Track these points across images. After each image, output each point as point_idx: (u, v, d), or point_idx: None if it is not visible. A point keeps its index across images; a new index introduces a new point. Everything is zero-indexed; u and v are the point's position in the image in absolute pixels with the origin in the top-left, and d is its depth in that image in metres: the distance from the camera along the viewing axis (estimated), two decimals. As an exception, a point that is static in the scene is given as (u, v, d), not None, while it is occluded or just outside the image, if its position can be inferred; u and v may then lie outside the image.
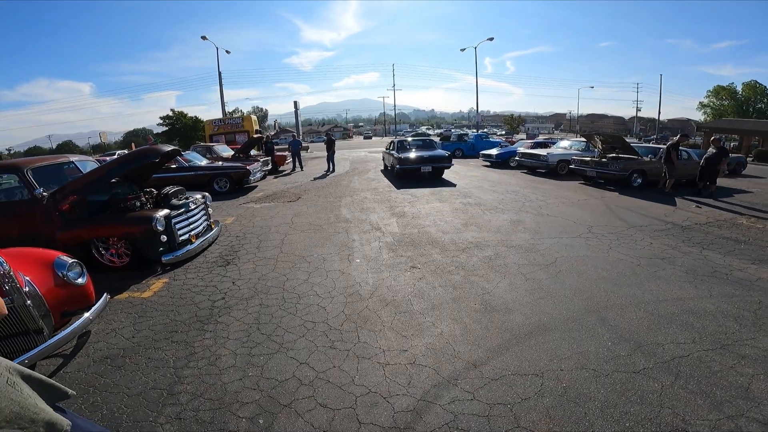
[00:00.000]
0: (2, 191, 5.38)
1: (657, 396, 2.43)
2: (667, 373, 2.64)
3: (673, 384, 2.52)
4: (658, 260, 4.84)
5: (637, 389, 2.49)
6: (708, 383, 2.53)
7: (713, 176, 9.85)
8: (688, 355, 2.83)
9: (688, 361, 2.77)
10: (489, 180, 12.53)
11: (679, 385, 2.52)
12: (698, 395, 2.42)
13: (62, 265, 3.12)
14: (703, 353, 2.86)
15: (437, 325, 3.36)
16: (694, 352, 2.87)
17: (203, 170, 11.31)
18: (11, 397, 0.91)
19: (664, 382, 2.54)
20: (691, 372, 2.64)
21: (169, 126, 43.72)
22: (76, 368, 2.92)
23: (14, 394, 0.93)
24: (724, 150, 10.01)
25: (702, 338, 3.07)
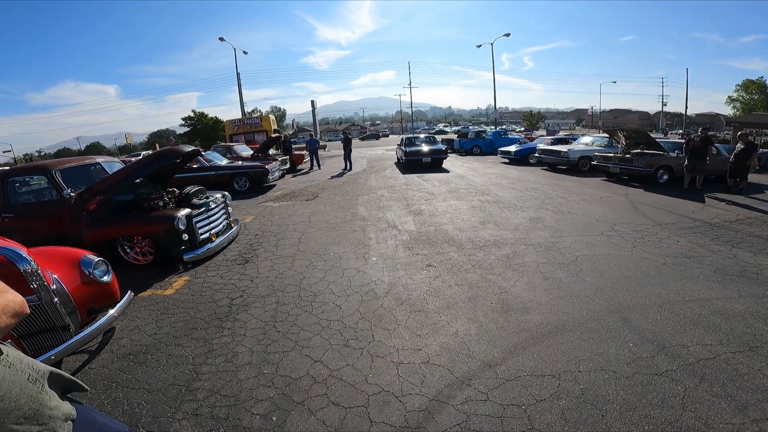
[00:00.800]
0: (32, 192, 5.61)
1: (679, 399, 2.35)
2: (691, 375, 2.55)
3: (696, 387, 2.44)
4: (685, 259, 4.66)
5: (658, 392, 2.41)
6: (734, 386, 2.44)
7: (743, 172, 9.44)
8: (714, 358, 2.73)
9: (714, 363, 2.67)
10: (507, 177, 12.34)
11: (703, 388, 2.43)
12: (723, 398, 2.33)
13: (88, 264, 3.22)
14: (730, 355, 2.75)
15: (452, 324, 3.34)
16: (721, 354, 2.76)
17: (223, 170, 11.55)
18: (31, 393, 0.93)
19: (688, 385, 2.45)
20: (717, 375, 2.55)
21: (190, 127, 44.82)
22: (101, 364, 3.02)
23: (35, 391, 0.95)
24: (752, 145, 9.63)
25: (729, 340, 2.95)
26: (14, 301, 0.96)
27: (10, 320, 0.92)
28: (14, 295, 0.98)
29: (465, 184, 10.91)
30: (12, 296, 0.97)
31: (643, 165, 10.40)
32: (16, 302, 0.96)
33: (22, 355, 1.02)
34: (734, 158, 9.66)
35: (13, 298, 0.97)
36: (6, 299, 0.94)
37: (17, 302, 0.97)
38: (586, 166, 13.08)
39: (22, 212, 5.21)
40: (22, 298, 1.00)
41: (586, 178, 11.91)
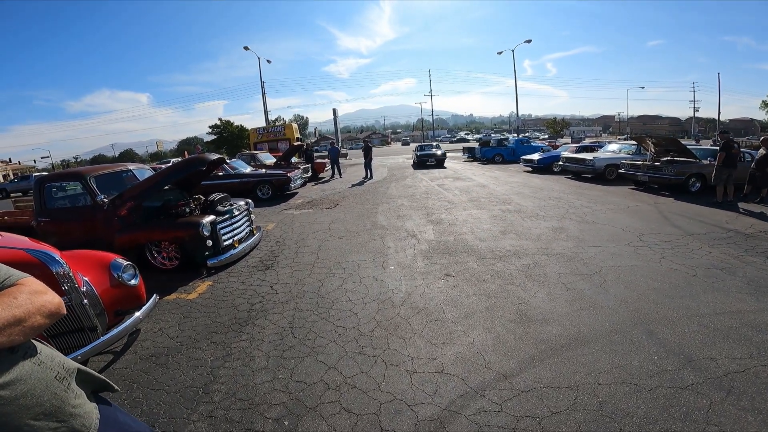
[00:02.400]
0: (67, 197, 5.90)
1: (704, 413, 2.25)
2: (717, 389, 2.45)
3: (723, 400, 2.34)
4: (717, 270, 4.46)
5: (682, 405, 2.32)
6: (762, 399, 2.33)
7: (766, 180, 8.96)
8: (744, 371, 2.62)
9: (743, 376, 2.56)
10: (530, 186, 12.14)
11: (729, 401, 2.33)
12: (749, 412, 2.24)
13: (118, 267, 3.35)
14: (761, 368, 2.63)
15: (469, 334, 3.29)
16: (751, 368, 2.64)
17: (248, 177, 11.85)
18: (55, 391, 0.97)
19: (714, 399, 2.36)
20: (745, 388, 2.44)
21: (217, 135, 46.22)
22: (124, 365, 3.13)
23: (59, 389, 0.99)
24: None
25: (761, 353, 2.81)
26: (51, 302, 0.99)
27: (44, 320, 0.95)
28: (52, 296, 1.01)
29: (486, 193, 10.80)
30: (50, 297, 0.99)
31: (673, 173, 10.03)
32: (53, 303, 0.99)
33: (56, 353, 1.06)
34: (756, 165, 9.18)
35: (51, 299, 0.99)
36: (43, 300, 0.96)
37: (54, 303, 1.00)
38: (613, 174, 12.71)
39: (57, 216, 5.48)
40: (60, 299, 1.03)
41: (613, 186, 11.57)
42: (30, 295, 0.94)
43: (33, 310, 0.92)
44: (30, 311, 0.91)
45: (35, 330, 0.93)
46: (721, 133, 10.21)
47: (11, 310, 0.87)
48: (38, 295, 0.97)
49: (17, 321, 0.87)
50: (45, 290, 1.00)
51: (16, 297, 0.92)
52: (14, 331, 0.86)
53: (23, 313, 0.89)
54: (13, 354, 0.92)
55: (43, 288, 1.01)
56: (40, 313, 0.93)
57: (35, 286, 0.99)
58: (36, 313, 0.92)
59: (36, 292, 0.97)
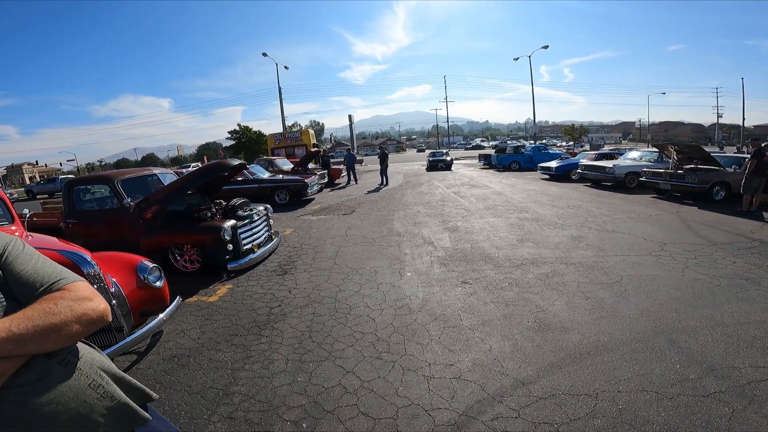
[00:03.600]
0: (95, 200, 6.12)
1: (725, 420, 2.23)
2: (740, 397, 2.42)
3: (745, 408, 2.32)
4: (742, 280, 4.36)
5: (703, 413, 2.30)
6: None
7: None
8: (767, 379, 2.58)
9: (766, 384, 2.52)
10: (548, 194, 11.99)
11: (752, 409, 2.31)
12: None
13: (144, 269, 3.46)
14: None
15: (486, 341, 3.29)
16: None
17: (266, 183, 12.05)
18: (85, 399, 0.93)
19: (736, 407, 2.33)
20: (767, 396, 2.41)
21: (236, 140, 47.11)
22: (147, 365, 3.21)
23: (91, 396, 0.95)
24: None
25: None
26: (94, 309, 0.94)
27: (83, 328, 0.91)
28: (98, 302, 0.96)
29: (503, 201, 10.72)
30: (95, 304, 0.95)
31: (696, 181, 9.78)
32: (96, 310, 0.94)
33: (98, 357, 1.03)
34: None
35: (95, 306, 0.95)
36: (85, 307, 0.92)
37: (98, 310, 0.95)
38: (634, 182, 12.46)
39: (85, 219, 5.68)
40: (106, 305, 0.98)
41: (634, 195, 11.34)
42: (72, 302, 0.91)
43: (71, 319, 0.88)
44: (67, 319, 0.87)
45: (71, 338, 0.89)
46: (753, 140, 9.89)
47: (48, 317, 0.85)
48: (82, 302, 0.93)
49: (53, 329, 0.84)
50: (92, 296, 0.96)
51: (57, 303, 0.89)
52: (47, 339, 0.84)
53: (60, 321, 0.86)
54: (49, 360, 0.90)
55: (91, 293, 0.97)
56: (78, 322, 0.89)
57: (81, 292, 0.95)
58: (74, 322, 0.89)
59: (81, 299, 0.93)
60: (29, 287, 0.95)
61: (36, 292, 0.94)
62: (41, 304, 0.89)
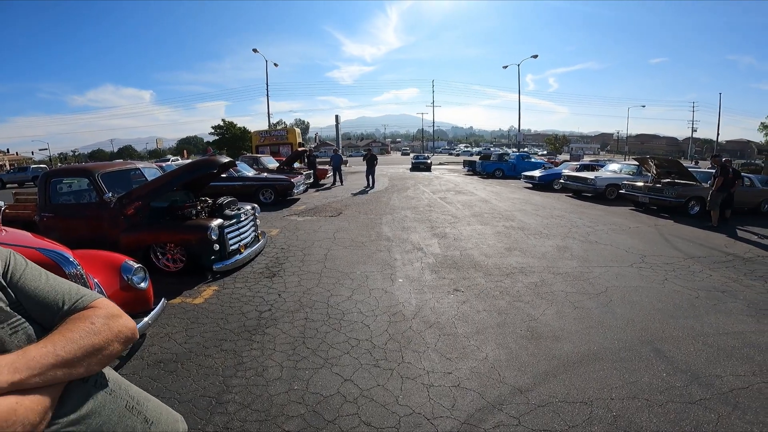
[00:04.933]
0: (72, 193, 5.83)
1: (712, 426, 2.38)
2: (724, 404, 2.59)
3: (730, 414, 2.49)
4: (718, 293, 4.60)
5: (692, 419, 2.44)
6: (766, 414, 2.48)
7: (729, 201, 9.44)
8: (748, 387, 2.77)
9: (748, 392, 2.72)
10: (532, 203, 12.22)
11: (736, 415, 2.48)
12: (755, 425, 2.38)
13: (128, 270, 3.28)
14: (764, 385, 2.80)
15: (482, 349, 3.31)
16: (754, 384, 2.81)
17: (251, 181, 11.82)
18: (127, 422, 0.89)
19: (721, 413, 2.50)
20: (750, 403, 2.60)
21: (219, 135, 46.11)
22: (131, 371, 3.05)
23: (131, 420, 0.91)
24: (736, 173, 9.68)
25: (763, 371, 2.98)
26: (127, 326, 0.89)
27: (121, 347, 0.86)
28: (127, 320, 0.91)
29: (489, 209, 10.85)
30: (125, 321, 0.90)
31: (674, 195, 10.16)
32: (129, 328, 0.90)
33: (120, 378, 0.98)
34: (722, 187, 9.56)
35: (126, 323, 0.90)
36: (120, 325, 0.87)
37: (130, 328, 0.90)
38: (614, 194, 12.84)
39: (62, 212, 5.41)
40: (134, 323, 0.94)
41: (614, 207, 11.68)
42: (107, 320, 0.86)
43: (111, 337, 0.84)
44: (109, 338, 0.83)
45: (112, 358, 0.85)
46: (713, 156, 10.43)
47: (91, 337, 0.80)
48: (115, 319, 0.88)
49: (97, 350, 0.80)
50: (120, 313, 0.91)
51: (94, 322, 0.83)
52: (93, 360, 0.79)
53: (102, 340, 0.81)
54: (84, 384, 0.84)
55: (118, 311, 0.92)
56: (117, 340, 0.85)
57: (111, 309, 0.90)
58: (114, 340, 0.84)
59: (112, 316, 0.88)
60: (49, 307, 0.87)
61: (59, 311, 0.86)
62: (77, 324, 0.82)
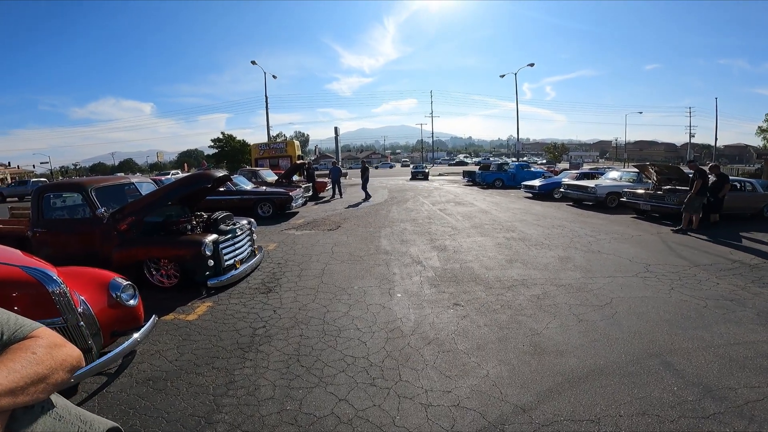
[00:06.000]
0: (65, 209, 5.76)
1: None
2: (740, 417, 2.48)
3: (746, 428, 2.40)
4: (727, 302, 4.48)
5: None
6: None
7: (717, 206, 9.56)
8: (763, 399, 2.67)
9: (763, 405, 2.62)
10: (532, 213, 12.12)
11: (752, 429, 2.37)
12: None
13: (117, 287, 3.21)
14: None
15: (483, 366, 3.18)
16: None
17: (249, 194, 11.77)
18: None
19: (737, 427, 2.40)
20: (766, 416, 2.49)
21: (218, 149, 46.23)
22: (119, 388, 2.96)
23: None
24: (724, 177, 9.68)
25: None
26: (71, 355, 0.91)
27: (67, 375, 0.88)
28: (71, 349, 0.93)
29: (489, 220, 10.75)
30: (69, 350, 0.92)
31: (675, 202, 10.05)
32: (73, 356, 0.92)
33: (69, 404, 0.97)
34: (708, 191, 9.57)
35: (71, 352, 0.92)
36: (64, 353, 0.89)
37: (74, 356, 0.92)
38: (614, 202, 12.73)
39: (55, 228, 5.33)
40: (79, 352, 0.96)
41: (615, 215, 11.57)
42: (50, 349, 0.86)
43: (55, 366, 0.84)
44: (53, 367, 0.83)
45: (58, 387, 0.85)
46: (689, 162, 10.52)
47: (34, 366, 0.79)
48: (58, 348, 0.89)
49: (41, 378, 0.79)
50: (63, 342, 0.92)
51: (36, 352, 0.83)
52: (38, 389, 0.79)
53: (46, 369, 0.81)
54: (31, 410, 0.84)
55: (60, 340, 0.93)
56: (62, 369, 0.86)
57: (53, 339, 0.91)
58: (58, 369, 0.85)
59: (55, 345, 0.88)
60: None
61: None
62: (17, 353, 0.81)
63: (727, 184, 9.51)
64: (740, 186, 11.08)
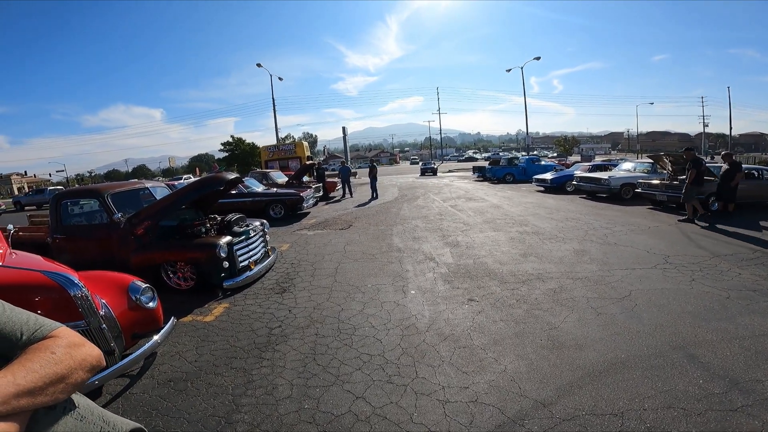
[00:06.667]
0: (83, 215, 5.88)
1: None
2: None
3: None
4: (750, 292, 4.35)
5: (734, 428, 2.28)
6: None
7: (731, 194, 9.36)
8: None
9: None
10: (545, 207, 11.97)
11: None
12: None
13: (136, 290, 3.27)
14: None
15: (500, 361, 3.15)
16: None
17: (260, 196, 11.86)
18: None
19: (766, 419, 2.33)
20: None
21: (228, 152, 46.76)
22: (141, 390, 3.02)
23: None
24: (737, 165, 9.45)
25: None
26: (91, 354, 0.91)
27: (86, 375, 0.88)
28: (91, 348, 0.94)
29: (501, 214, 10.66)
30: (89, 349, 0.92)
31: (694, 193, 9.82)
32: (93, 356, 0.92)
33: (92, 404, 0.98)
34: (720, 180, 9.42)
35: (90, 351, 0.92)
36: (84, 353, 0.89)
37: (94, 356, 0.92)
38: (629, 193, 12.50)
39: (73, 234, 5.45)
40: (99, 351, 0.96)
41: (630, 206, 11.36)
42: (69, 349, 0.87)
43: (75, 366, 0.84)
44: (72, 367, 0.83)
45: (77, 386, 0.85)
46: (687, 149, 10.16)
47: (52, 366, 0.80)
48: (77, 348, 0.89)
49: (60, 378, 0.80)
50: (82, 342, 0.93)
51: (55, 352, 0.84)
52: (57, 389, 0.79)
53: (65, 369, 0.82)
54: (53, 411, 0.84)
55: (80, 339, 0.93)
56: (82, 368, 0.86)
57: (72, 338, 0.91)
58: (78, 369, 0.85)
59: (74, 345, 0.89)
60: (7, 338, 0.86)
61: (18, 342, 0.86)
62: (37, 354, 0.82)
63: (739, 173, 9.30)
64: (758, 174, 10.79)
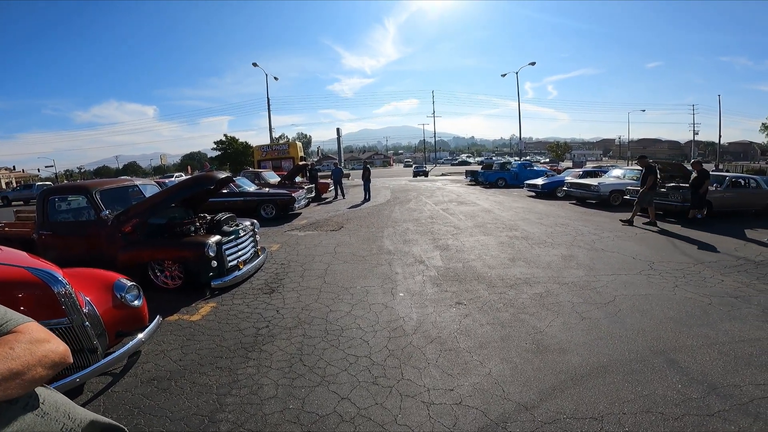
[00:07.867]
0: (71, 211, 5.81)
1: None
2: (745, 415, 2.48)
3: (751, 426, 2.39)
4: (732, 299, 4.46)
5: None
6: None
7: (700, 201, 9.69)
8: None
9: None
10: (535, 212, 12.09)
11: (758, 427, 2.36)
12: None
13: (121, 288, 3.26)
14: None
15: (485, 364, 3.19)
16: None
17: (252, 196, 11.80)
18: None
19: (742, 425, 2.38)
20: None
21: (222, 151, 46.42)
22: (124, 388, 2.99)
23: None
24: (705, 172, 9.73)
25: None
26: (54, 351, 0.90)
27: (46, 372, 0.86)
28: (56, 344, 0.92)
29: (491, 219, 10.74)
30: (53, 345, 0.90)
31: (679, 200, 10.01)
32: (56, 352, 0.90)
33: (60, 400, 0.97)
34: (690, 186, 9.71)
35: (54, 347, 0.90)
36: (45, 349, 0.88)
37: (58, 353, 0.91)
38: (618, 200, 12.67)
39: (60, 230, 5.39)
40: (65, 347, 0.94)
41: (618, 213, 11.48)
42: (30, 345, 0.85)
43: (33, 362, 0.83)
44: (29, 363, 0.82)
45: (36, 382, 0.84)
46: (641, 157, 10.50)
47: (6, 362, 0.79)
48: (39, 344, 0.87)
49: (14, 374, 0.78)
50: (47, 338, 0.91)
51: (13, 347, 0.82)
52: (11, 385, 0.78)
53: (21, 365, 0.80)
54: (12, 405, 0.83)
55: (46, 335, 0.92)
56: (41, 365, 0.84)
57: (36, 334, 0.90)
58: (36, 365, 0.83)
59: (37, 341, 0.87)
60: None
61: None
62: None
63: (707, 180, 9.58)
64: (745, 183, 11.01)
